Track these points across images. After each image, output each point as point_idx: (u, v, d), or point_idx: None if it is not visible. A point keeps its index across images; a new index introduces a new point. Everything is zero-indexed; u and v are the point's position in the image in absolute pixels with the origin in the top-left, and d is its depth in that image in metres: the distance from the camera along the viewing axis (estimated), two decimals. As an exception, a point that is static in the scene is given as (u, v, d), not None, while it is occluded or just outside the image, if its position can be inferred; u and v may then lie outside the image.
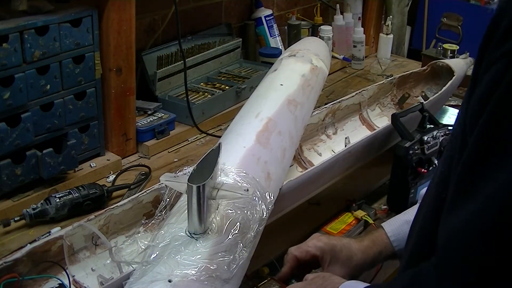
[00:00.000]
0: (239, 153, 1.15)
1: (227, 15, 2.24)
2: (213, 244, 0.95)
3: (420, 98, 1.89)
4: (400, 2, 2.84)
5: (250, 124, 1.25)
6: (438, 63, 1.90)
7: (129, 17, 1.57)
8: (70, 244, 1.13)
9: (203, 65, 2.10)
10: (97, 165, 1.61)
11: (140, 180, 1.58)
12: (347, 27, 2.51)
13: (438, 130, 1.49)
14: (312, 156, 1.63)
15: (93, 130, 1.59)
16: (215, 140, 1.78)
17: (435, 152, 1.48)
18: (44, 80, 1.41)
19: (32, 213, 1.35)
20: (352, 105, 1.77)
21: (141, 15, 1.83)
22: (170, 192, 1.08)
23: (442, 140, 1.49)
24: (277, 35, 2.35)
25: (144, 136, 1.76)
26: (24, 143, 1.40)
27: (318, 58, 1.55)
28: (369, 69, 2.56)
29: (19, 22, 1.33)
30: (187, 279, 0.89)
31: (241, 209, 1.01)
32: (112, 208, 1.20)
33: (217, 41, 2.17)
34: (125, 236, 1.23)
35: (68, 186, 1.47)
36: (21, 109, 1.38)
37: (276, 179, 1.18)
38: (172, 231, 0.99)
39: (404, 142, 1.44)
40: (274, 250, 1.33)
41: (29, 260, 1.07)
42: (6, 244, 1.31)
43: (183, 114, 1.85)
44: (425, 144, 1.46)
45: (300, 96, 1.38)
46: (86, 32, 1.47)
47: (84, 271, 1.15)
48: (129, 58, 1.62)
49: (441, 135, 1.49)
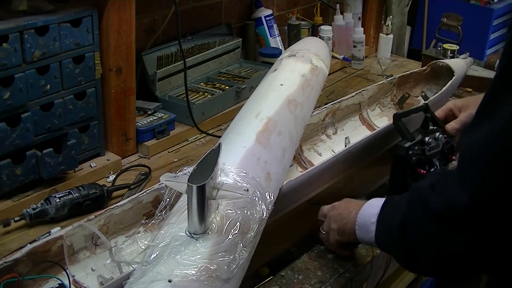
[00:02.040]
0: (239, 153, 1.15)
1: (227, 15, 2.24)
2: (213, 244, 0.95)
3: (420, 98, 1.89)
4: (400, 2, 2.84)
5: (250, 124, 1.25)
6: (438, 63, 1.90)
7: (129, 17, 1.57)
8: (70, 244, 1.13)
9: (203, 65, 2.10)
10: (97, 165, 1.61)
11: (140, 180, 1.58)
12: (347, 27, 2.51)
13: (440, 132, 1.48)
14: (312, 156, 1.63)
15: (93, 130, 1.59)
16: (215, 140, 1.78)
17: (437, 153, 1.47)
18: (44, 80, 1.41)
19: (32, 213, 1.35)
20: (352, 105, 1.77)
21: (141, 15, 1.83)
22: (170, 192, 1.08)
23: (444, 142, 1.48)
24: (277, 35, 2.35)
25: (144, 136, 1.76)
26: (24, 143, 1.40)
27: (318, 58, 1.55)
28: (369, 69, 2.56)
29: (19, 22, 1.33)
30: (187, 279, 0.89)
31: (241, 209, 1.02)
32: (112, 208, 1.20)
33: (217, 41, 2.17)
34: (125, 236, 1.23)
35: (68, 186, 1.47)
36: (21, 109, 1.38)
37: (276, 179, 1.18)
38: (172, 231, 0.99)
39: (404, 142, 1.43)
40: (274, 250, 1.33)
41: (29, 260, 1.07)
42: (6, 244, 1.31)
43: (183, 114, 1.85)
44: (426, 145, 1.45)
45: (300, 96, 1.38)
46: (86, 32, 1.47)
47: (84, 271, 1.15)
48: (129, 58, 1.62)
49: (443, 137, 1.48)
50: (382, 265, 1.42)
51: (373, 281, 1.42)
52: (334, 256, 1.35)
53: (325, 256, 1.35)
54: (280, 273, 1.29)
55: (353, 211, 1.18)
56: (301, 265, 1.32)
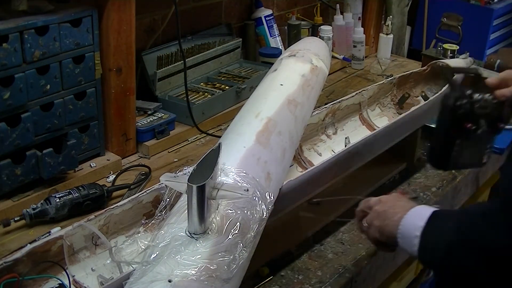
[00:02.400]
0: (239, 153, 1.15)
1: (227, 15, 2.24)
2: (213, 244, 0.95)
3: (420, 98, 1.89)
4: (400, 2, 2.83)
5: (250, 124, 1.25)
6: (438, 63, 1.90)
7: (129, 17, 1.57)
8: (70, 244, 1.13)
9: (203, 65, 2.10)
10: (97, 165, 1.61)
11: (140, 180, 1.58)
12: (347, 27, 2.51)
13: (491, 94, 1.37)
14: (312, 156, 1.63)
15: (93, 130, 1.59)
16: (215, 140, 1.78)
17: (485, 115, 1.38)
18: (44, 80, 1.41)
19: (32, 213, 1.35)
20: (352, 105, 1.77)
21: (141, 15, 1.83)
22: (170, 192, 1.08)
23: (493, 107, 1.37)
24: (277, 35, 2.35)
25: (144, 136, 1.76)
26: (24, 143, 1.40)
27: (318, 58, 1.55)
28: (369, 69, 2.56)
29: (19, 22, 1.33)
30: (187, 279, 0.89)
31: (241, 209, 1.02)
32: (112, 208, 1.20)
33: (217, 41, 2.17)
34: (125, 236, 1.23)
35: (68, 186, 1.47)
36: (21, 109, 1.38)
37: (276, 179, 1.18)
38: (172, 231, 0.99)
39: (453, 92, 1.34)
40: (274, 250, 1.33)
41: (29, 260, 1.07)
42: (6, 244, 1.31)
43: (183, 114, 1.85)
44: (474, 102, 1.35)
45: (300, 96, 1.38)
46: (86, 32, 1.47)
47: (84, 271, 1.15)
48: (129, 58, 1.62)
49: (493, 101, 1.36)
50: (382, 265, 1.42)
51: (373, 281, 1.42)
52: (334, 256, 1.36)
53: (325, 256, 1.36)
54: (280, 273, 1.29)
55: (398, 214, 1.13)
56: (301, 265, 1.32)
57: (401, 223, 1.10)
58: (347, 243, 1.41)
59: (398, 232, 1.10)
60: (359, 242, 1.41)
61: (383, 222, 1.16)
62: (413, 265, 1.81)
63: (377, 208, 1.20)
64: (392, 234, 1.12)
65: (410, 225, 1.09)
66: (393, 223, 1.12)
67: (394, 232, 1.11)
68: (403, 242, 1.10)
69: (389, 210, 1.16)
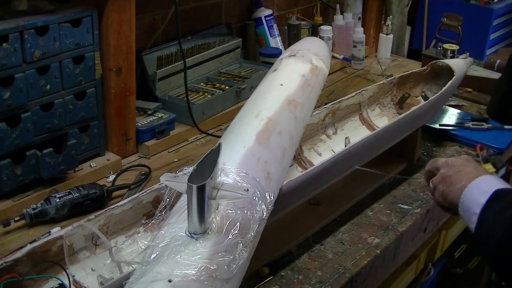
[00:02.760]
0: (239, 153, 1.15)
1: (227, 15, 2.24)
2: (213, 244, 0.95)
3: (420, 98, 1.89)
4: (400, 2, 2.83)
5: (250, 124, 1.25)
6: (438, 63, 1.90)
7: (129, 17, 1.57)
8: (70, 244, 1.13)
9: (203, 65, 2.10)
10: (97, 165, 1.61)
11: (140, 180, 1.58)
12: (347, 27, 2.51)
13: None
14: (312, 156, 1.63)
15: (93, 130, 1.59)
16: (215, 140, 1.78)
17: None
18: (44, 80, 1.41)
19: (32, 213, 1.35)
20: (352, 105, 1.77)
21: (141, 15, 1.83)
22: (170, 192, 1.08)
23: None
24: (277, 35, 2.35)
25: (144, 136, 1.76)
26: (24, 143, 1.40)
27: (318, 58, 1.55)
28: (369, 69, 2.56)
29: (19, 22, 1.33)
30: (187, 279, 0.89)
31: (241, 209, 1.02)
32: (112, 208, 1.20)
33: (217, 41, 2.17)
34: (125, 236, 1.23)
35: (68, 186, 1.47)
36: (21, 109, 1.38)
37: (276, 179, 1.18)
38: (172, 231, 0.99)
39: None
40: (274, 250, 1.33)
41: (29, 260, 1.07)
42: (6, 244, 1.31)
43: (183, 114, 1.85)
44: None
45: (300, 96, 1.38)
46: (86, 32, 1.47)
47: (84, 271, 1.15)
48: (129, 58, 1.62)
49: None
50: (382, 265, 1.42)
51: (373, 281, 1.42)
52: (334, 256, 1.36)
53: (325, 256, 1.35)
54: (280, 273, 1.29)
55: (462, 181, 1.11)
56: (301, 265, 1.32)
57: (464, 194, 1.09)
58: (347, 243, 1.41)
59: (460, 202, 1.09)
60: (359, 242, 1.41)
61: (447, 188, 1.14)
62: (413, 265, 1.81)
63: (443, 171, 1.18)
64: (454, 202, 1.11)
65: (471, 199, 1.07)
66: (456, 191, 1.11)
67: (456, 201, 1.10)
68: (463, 214, 1.09)
69: (454, 175, 1.14)
